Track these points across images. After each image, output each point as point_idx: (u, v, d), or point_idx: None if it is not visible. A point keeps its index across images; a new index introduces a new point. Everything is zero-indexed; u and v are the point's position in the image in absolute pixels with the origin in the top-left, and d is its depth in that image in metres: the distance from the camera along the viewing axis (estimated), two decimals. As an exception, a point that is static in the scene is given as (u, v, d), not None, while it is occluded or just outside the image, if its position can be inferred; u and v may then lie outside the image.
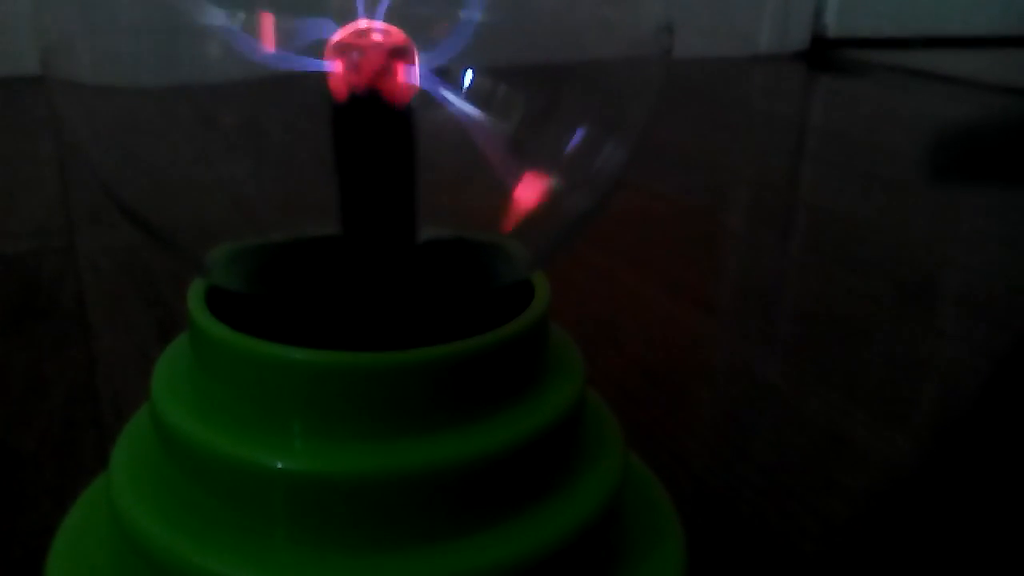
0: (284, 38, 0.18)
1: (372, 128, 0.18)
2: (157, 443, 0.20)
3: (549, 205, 0.22)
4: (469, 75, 0.20)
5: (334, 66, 0.18)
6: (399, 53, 0.18)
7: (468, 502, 0.18)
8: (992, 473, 0.32)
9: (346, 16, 0.18)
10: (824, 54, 1.44)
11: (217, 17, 0.19)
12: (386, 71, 0.18)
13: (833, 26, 1.47)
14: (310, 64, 0.18)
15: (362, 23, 0.18)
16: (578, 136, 0.21)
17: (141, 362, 0.37)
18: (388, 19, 0.18)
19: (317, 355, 0.17)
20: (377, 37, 0.18)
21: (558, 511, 0.19)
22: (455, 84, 0.20)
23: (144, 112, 0.21)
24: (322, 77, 0.18)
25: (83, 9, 0.21)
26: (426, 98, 0.19)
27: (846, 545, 0.28)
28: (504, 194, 0.22)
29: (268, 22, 0.18)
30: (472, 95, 0.20)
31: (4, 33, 0.95)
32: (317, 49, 0.18)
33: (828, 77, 1.31)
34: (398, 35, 0.18)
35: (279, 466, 0.17)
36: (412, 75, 0.18)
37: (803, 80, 1.28)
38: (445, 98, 0.20)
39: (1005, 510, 0.30)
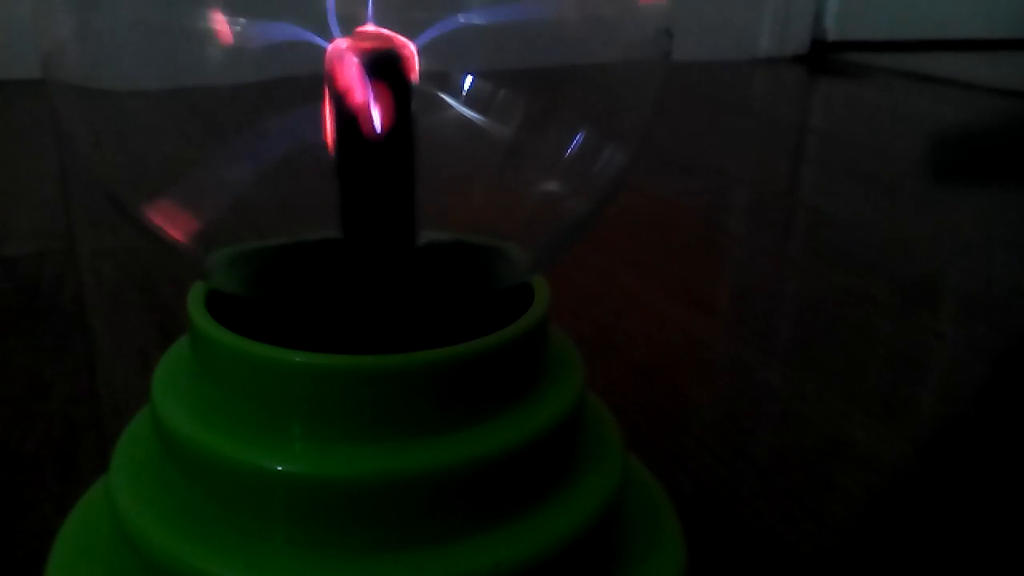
0: (285, 42, 0.18)
1: (372, 131, 0.18)
2: (157, 445, 0.20)
3: (549, 208, 0.22)
4: (469, 79, 0.20)
5: (334, 70, 0.18)
6: (399, 58, 0.18)
7: (468, 505, 0.18)
8: (991, 474, 0.32)
9: (346, 21, 0.18)
10: (824, 57, 1.44)
11: (217, 20, 0.19)
12: (386, 76, 0.18)
13: (833, 29, 1.47)
14: (310, 69, 0.18)
15: (362, 27, 0.18)
16: (578, 139, 0.21)
17: (141, 364, 0.37)
18: (388, 23, 0.18)
19: (317, 358, 0.18)
20: (377, 42, 0.18)
21: (558, 513, 0.19)
22: (455, 88, 0.20)
23: (144, 115, 0.21)
24: (322, 81, 0.18)
25: (83, 12, 0.21)
26: (426, 102, 0.19)
27: (845, 546, 0.28)
28: (504, 197, 0.22)
29: (269, 26, 0.18)
30: (471, 99, 0.20)
31: (4, 36, 0.95)
32: (317, 53, 0.18)
33: (828, 80, 1.31)
34: (398, 40, 0.18)
35: (279, 468, 0.17)
36: (412, 79, 0.18)
37: (803, 83, 1.28)
38: (445, 102, 0.20)
39: (1005, 510, 0.30)
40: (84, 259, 0.49)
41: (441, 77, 0.20)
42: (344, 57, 0.18)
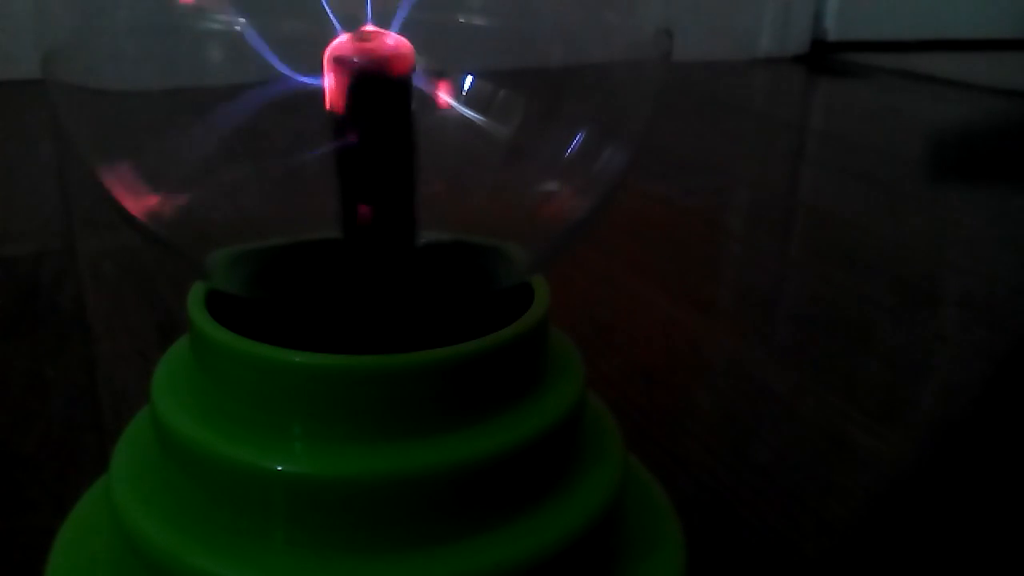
0: (285, 43, 0.18)
1: (372, 131, 0.18)
2: (157, 445, 0.20)
3: (549, 208, 0.22)
4: (469, 79, 0.20)
5: (334, 71, 0.18)
6: (399, 59, 0.18)
7: (468, 505, 0.18)
8: (991, 474, 0.32)
9: (346, 21, 0.18)
10: (824, 57, 1.44)
11: (217, 21, 0.19)
12: (386, 76, 0.18)
13: (833, 29, 1.47)
14: (310, 70, 0.18)
15: (362, 28, 0.18)
16: (578, 139, 0.21)
17: (141, 364, 0.37)
18: (388, 24, 0.18)
19: (317, 358, 0.18)
20: (377, 42, 0.18)
21: (558, 513, 0.19)
22: (455, 88, 0.20)
23: (144, 115, 0.21)
24: (322, 82, 0.18)
25: (83, 12, 0.21)
26: (426, 102, 0.19)
27: (846, 546, 0.28)
28: (504, 197, 0.22)
29: (269, 27, 0.18)
30: (472, 99, 0.20)
31: (4, 36, 0.95)
32: (318, 54, 0.18)
33: (828, 80, 1.31)
34: (398, 40, 0.18)
35: (279, 468, 0.17)
36: (412, 80, 0.18)
37: (803, 83, 1.28)
38: (445, 102, 0.20)
39: (1005, 511, 0.30)
40: (84, 259, 0.49)
41: (441, 77, 0.20)
42: (344, 57, 0.18)
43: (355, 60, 0.18)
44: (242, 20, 0.18)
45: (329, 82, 0.18)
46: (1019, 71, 1.37)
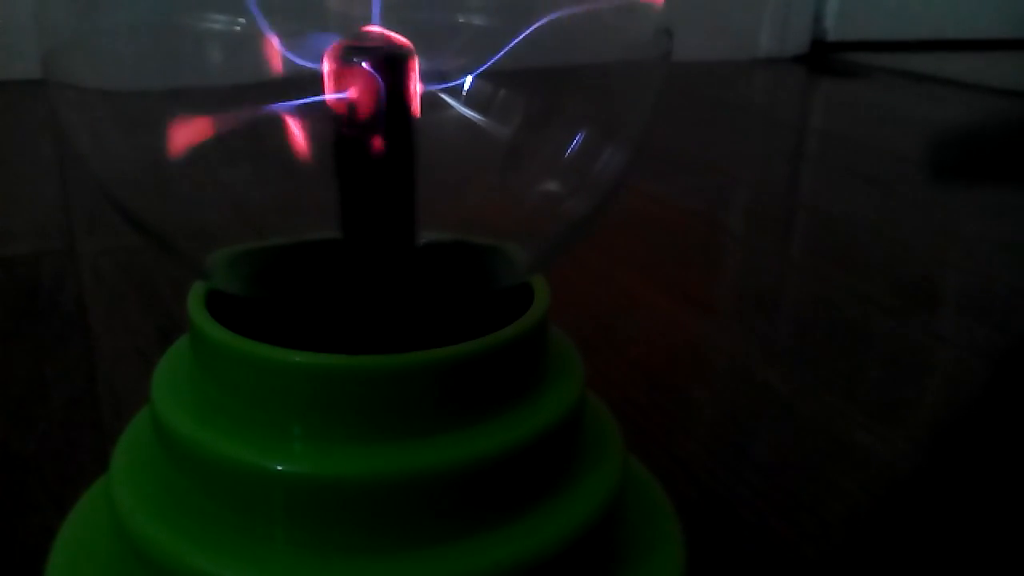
0: (285, 44, 0.18)
1: (372, 131, 0.18)
2: (157, 445, 0.20)
3: (549, 208, 0.22)
4: (469, 79, 0.20)
5: (334, 72, 0.18)
6: (400, 58, 0.18)
7: (468, 505, 0.18)
8: (992, 475, 0.32)
9: (347, 22, 0.18)
10: (824, 57, 1.44)
11: (218, 21, 0.19)
12: (386, 76, 0.18)
13: (833, 29, 1.47)
14: (310, 71, 0.18)
15: (363, 29, 0.18)
16: (578, 139, 0.21)
17: (141, 365, 0.37)
18: (388, 24, 0.18)
19: (317, 358, 0.18)
20: (377, 43, 0.18)
21: (558, 514, 0.19)
22: (455, 88, 0.20)
23: (144, 115, 0.21)
24: (322, 82, 0.18)
25: (84, 12, 0.21)
26: (426, 102, 0.19)
27: (846, 547, 0.28)
28: (504, 197, 0.22)
29: (270, 29, 0.18)
30: (472, 99, 0.20)
31: (5, 36, 0.95)
32: (318, 55, 0.18)
33: (828, 80, 1.31)
34: (399, 40, 0.18)
35: (279, 468, 0.17)
36: (413, 80, 0.18)
37: (803, 83, 1.28)
38: (445, 102, 0.20)
39: (1005, 511, 0.30)
40: (84, 259, 0.49)
41: (442, 77, 0.20)
42: (345, 57, 0.18)
43: (356, 60, 0.18)
44: (242, 20, 0.18)
45: (329, 81, 0.18)
46: (1019, 71, 1.37)
